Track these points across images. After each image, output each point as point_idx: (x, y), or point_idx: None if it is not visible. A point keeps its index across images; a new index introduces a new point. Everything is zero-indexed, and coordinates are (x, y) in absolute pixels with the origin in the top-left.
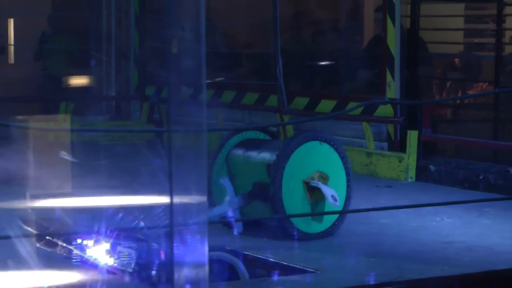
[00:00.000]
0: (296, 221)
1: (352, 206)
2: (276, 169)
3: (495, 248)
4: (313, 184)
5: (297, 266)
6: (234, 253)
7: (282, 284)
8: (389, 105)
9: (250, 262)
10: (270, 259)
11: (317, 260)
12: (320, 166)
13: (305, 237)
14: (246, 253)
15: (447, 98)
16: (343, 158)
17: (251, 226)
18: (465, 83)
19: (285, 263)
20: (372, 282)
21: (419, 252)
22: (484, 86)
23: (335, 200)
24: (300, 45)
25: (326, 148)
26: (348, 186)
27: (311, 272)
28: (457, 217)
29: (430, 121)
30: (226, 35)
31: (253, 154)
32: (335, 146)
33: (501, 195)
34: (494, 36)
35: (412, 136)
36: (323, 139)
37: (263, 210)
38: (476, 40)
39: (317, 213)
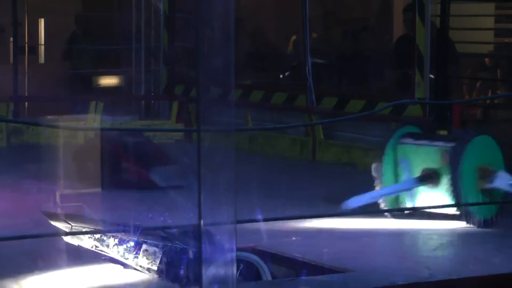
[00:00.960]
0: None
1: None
2: (454, 155)
3: None
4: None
5: (325, 266)
6: (261, 252)
7: (309, 284)
8: (418, 105)
9: (277, 261)
10: (298, 259)
11: (345, 260)
12: (489, 159)
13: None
14: (274, 252)
15: (476, 98)
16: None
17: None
18: (495, 83)
19: (313, 263)
20: (400, 283)
21: (448, 253)
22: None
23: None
24: (330, 45)
25: (494, 143)
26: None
27: (338, 272)
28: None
29: (460, 121)
30: (255, 35)
31: (425, 142)
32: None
33: None
34: None
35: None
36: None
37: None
38: (506, 40)
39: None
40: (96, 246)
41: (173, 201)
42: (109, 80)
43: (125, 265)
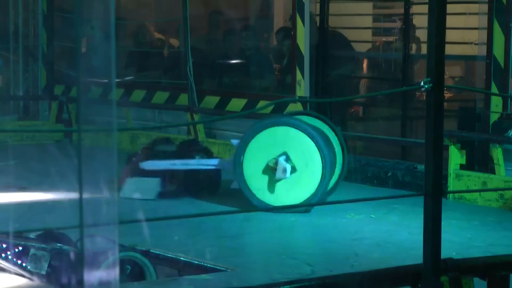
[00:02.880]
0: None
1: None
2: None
3: (403, 244)
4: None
5: (208, 265)
6: (144, 252)
7: (192, 283)
8: (299, 103)
9: (160, 261)
10: (181, 258)
11: (227, 258)
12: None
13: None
14: (157, 252)
15: (356, 96)
16: (317, 143)
17: None
18: (374, 81)
19: (195, 262)
20: (282, 280)
21: (329, 249)
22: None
23: (283, 172)
24: (211, 44)
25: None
26: (324, 168)
27: (221, 270)
28: (366, 214)
29: (340, 119)
30: (136, 34)
31: None
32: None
33: (409, 192)
34: (402, 35)
35: None
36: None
37: None
38: (383, 39)
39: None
40: None
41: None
42: None
43: (14, 271)
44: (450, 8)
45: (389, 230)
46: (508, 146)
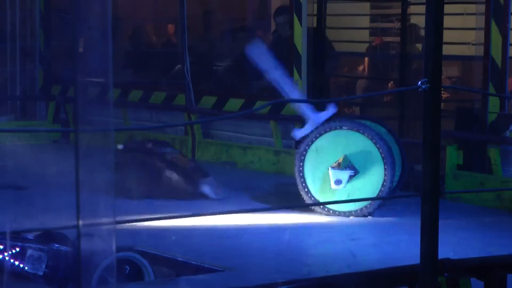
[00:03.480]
0: None
1: (253, 205)
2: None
3: (401, 244)
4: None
5: (205, 265)
6: (142, 252)
7: (190, 284)
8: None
9: (158, 261)
10: (178, 259)
11: (225, 259)
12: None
13: None
14: (155, 252)
15: (353, 96)
16: (377, 146)
17: None
18: (372, 81)
19: (193, 263)
20: (279, 280)
21: (326, 250)
22: (390, 84)
23: (338, 183)
24: (208, 44)
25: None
26: (385, 175)
27: (219, 271)
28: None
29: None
30: (133, 34)
31: None
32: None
33: (407, 192)
34: (399, 35)
35: None
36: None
37: None
38: (381, 39)
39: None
40: None
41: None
42: None
43: (8, 270)
44: (447, 8)
45: (386, 231)
46: (506, 146)
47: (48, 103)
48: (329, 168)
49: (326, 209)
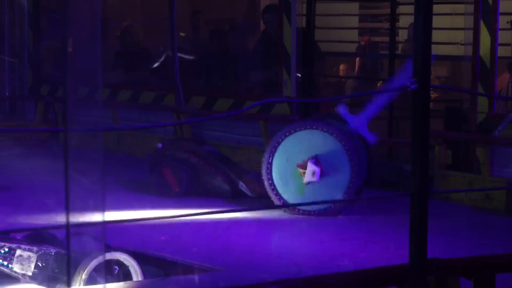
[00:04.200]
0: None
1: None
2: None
3: (390, 244)
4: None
5: (194, 265)
6: (132, 252)
7: (179, 284)
8: (285, 104)
9: (147, 261)
10: (168, 258)
11: (214, 259)
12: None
13: None
14: (143, 252)
15: (342, 96)
16: (346, 146)
17: None
18: (361, 81)
19: (182, 262)
20: (269, 280)
21: (316, 249)
22: (379, 84)
23: (312, 175)
24: (198, 44)
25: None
26: (352, 172)
27: (208, 270)
28: (352, 214)
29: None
30: (123, 34)
31: None
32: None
33: (396, 192)
34: (388, 35)
35: None
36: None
37: None
38: (369, 38)
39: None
40: None
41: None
42: None
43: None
44: (436, 8)
45: (376, 230)
46: (494, 146)
47: (37, 103)
48: (306, 160)
49: (296, 210)
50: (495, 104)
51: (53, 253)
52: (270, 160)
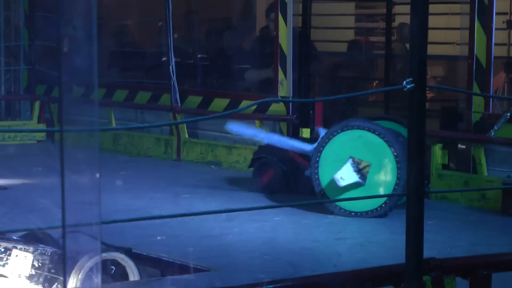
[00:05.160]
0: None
1: (244, 204)
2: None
3: (386, 243)
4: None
5: (190, 265)
6: (127, 252)
7: (175, 284)
8: (281, 103)
9: (143, 261)
10: (164, 258)
11: (210, 259)
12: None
13: None
14: (140, 252)
15: (339, 96)
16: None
17: None
18: (358, 81)
19: (178, 262)
20: (265, 280)
21: (312, 249)
22: (375, 84)
23: (340, 180)
24: (194, 44)
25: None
26: (398, 173)
27: (204, 270)
28: (348, 214)
29: (322, 118)
30: (119, 34)
31: None
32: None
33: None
34: (384, 35)
35: (304, 134)
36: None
37: None
38: (366, 38)
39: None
40: None
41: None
42: None
43: None
44: (432, 8)
45: (372, 230)
46: (490, 146)
47: (33, 103)
48: (349, 162)
49: (339, 208)
50: (490, 104)
51: (49, 253)
52: (317, 159)
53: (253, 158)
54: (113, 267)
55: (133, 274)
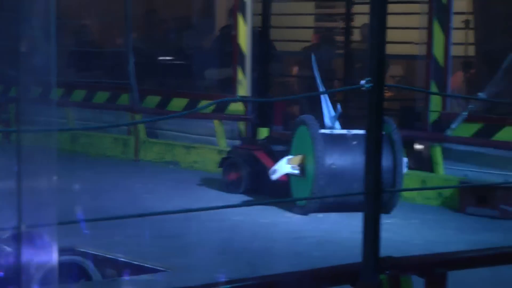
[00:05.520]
0: None
1: (203, 204)
2: None
3: (344, 242)
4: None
5: (148, 266)
6: (85, 254)
7: (133, 284)
8: (240, 103)
9: (100, 262)
10: (121, 259)
11: (168, 259)
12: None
13: None
14: (97, 253)
15: (298, 95)
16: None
17: None
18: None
19: (136, 263)
20: (223, 279)
21: (270, 248)
22: (335, 83)
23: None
24: (152, 43)
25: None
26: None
27: (162, 271)
28: (307, 213)
29: (281, 118)
30: (77, 33)
31: None
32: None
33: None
34: (343, 34)
35: (263, 133)
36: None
37: None
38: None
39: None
40: None
41: None
42: None
43: None
44: (391, 8)
45: (330, 229)
46: (447, 145)
47: None
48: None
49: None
50: (448, 103)
51: (4, 254)
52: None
53: (222, 157)
54: (71, 268)
55: (92, 275)
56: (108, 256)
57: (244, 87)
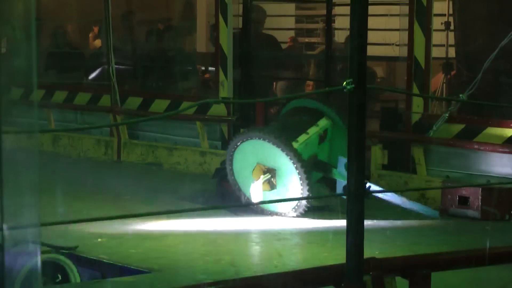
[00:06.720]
0: None
1: (186, 205)
2: None
3: (327, 244)
4: None
5: (131, 267)
6: (68, 255)
7: (116, 286)
8: (222, 104)
9: (84, 263)
10: (104, 260)
11: (151, 260)
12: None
13: None
14: (80, 255)
15: (280, 97)
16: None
17: None
18: (298, 82)
19: (119, 264)
20: (206, 281)
21: (253, 250)
22: (315, 85)
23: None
24: (133, 45)
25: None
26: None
27: (145, 272)
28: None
29: (263, 119)
30: (57, 34)
31: None
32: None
33: (333, 192)
34: (324, 36)
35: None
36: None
37: None
38: (306, 40)
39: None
40: None
41: None
42: None
43: None
44: (372, 9)
45: (313, 231)
46: (429, 146)
47: None
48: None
49: (260, 209)
50: (429, 104)
51: None
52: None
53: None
54: (53, 269)
55: (74, 276)
56: (91, 257)
57: (226, 89)
